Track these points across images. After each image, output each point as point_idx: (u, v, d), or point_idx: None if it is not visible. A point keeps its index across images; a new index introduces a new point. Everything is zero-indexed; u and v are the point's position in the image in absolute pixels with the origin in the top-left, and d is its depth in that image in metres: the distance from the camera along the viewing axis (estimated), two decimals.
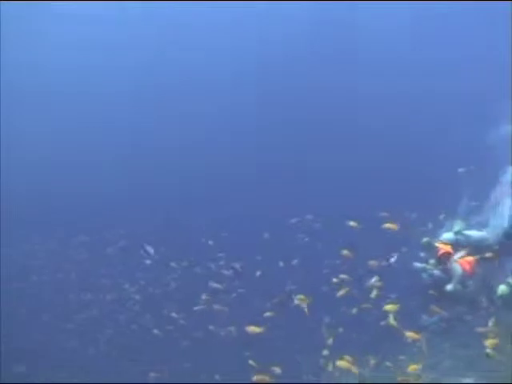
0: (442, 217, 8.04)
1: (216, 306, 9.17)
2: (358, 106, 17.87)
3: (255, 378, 5.79)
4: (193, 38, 19.54)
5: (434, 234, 7.66)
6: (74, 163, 17.98)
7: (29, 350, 9.87)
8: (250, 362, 6.36)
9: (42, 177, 16.59)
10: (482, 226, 7.66)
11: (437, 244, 7.43)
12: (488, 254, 7.14)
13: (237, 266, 9.87)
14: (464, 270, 7.14)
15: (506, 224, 7.43)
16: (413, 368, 5.85)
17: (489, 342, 5.78)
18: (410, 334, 6.12)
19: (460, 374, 6.98)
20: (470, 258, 7.19)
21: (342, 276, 7.40)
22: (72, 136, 18.41)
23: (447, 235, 7.55)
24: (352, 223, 7.78)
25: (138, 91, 19.26)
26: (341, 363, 5.85)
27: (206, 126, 18.44)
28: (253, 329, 5.61)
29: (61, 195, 16.42)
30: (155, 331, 9.87)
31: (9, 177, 15.78)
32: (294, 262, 10.83)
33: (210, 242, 11.15)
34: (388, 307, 6.29)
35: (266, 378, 5.75)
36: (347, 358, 6.10)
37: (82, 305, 11.26)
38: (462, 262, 7.17)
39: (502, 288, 6.97)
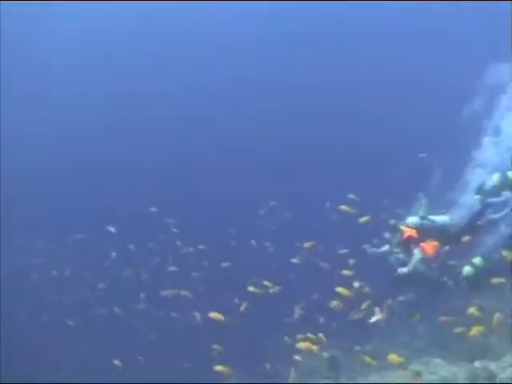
0: (410, 201, 8.06)
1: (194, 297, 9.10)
2: (334, 94, 17.88)
3: (217, 369, 5.79)
4: (194, 37, 19.21)
5: (401, 218, 7.66)
6: (69, 162, 17.58)
7: (22, 349, 9.72)
8: (216, 348, 6.36)
9: (38, 175, 16.25)
10: (452, 204, 7.69)
11: (401, 227, 7.41)
12: (454, 237, 7.18)
13: None
14: (426, 254, 7.17)
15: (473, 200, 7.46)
16: (393, 357, 5.87)
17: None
18: (378, 317, 6.15)
19: (431, 353, 7.09)
20: (434, 243, 7.21)
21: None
22: (70, 136, 18.01)
23: (412, 219, 7.54)
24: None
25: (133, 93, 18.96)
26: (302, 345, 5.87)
27: (188, 120, 18.31)
28: (216, 315, 5.57)
29: (55, 194, 16.14)
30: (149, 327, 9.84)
31: (6, 175, 15.42)
32: (268, 250, 10.80)
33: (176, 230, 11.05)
34: (340, 289, 6.33)
35: (227, 370, 5.76)
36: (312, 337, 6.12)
37: (77, 303, 11.08)
38: (425, 246, 7.19)
39: (467, 269, 7.01)
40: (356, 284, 7.28)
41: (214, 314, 5.61)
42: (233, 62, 18.70)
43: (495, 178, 7.36)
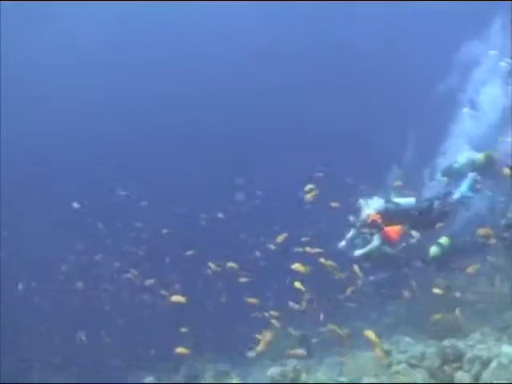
0: (377, 184, 7.98)
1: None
2: (301, 75, 17.83)
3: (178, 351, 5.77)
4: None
5: (366, 197, 7.60)
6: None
7: None
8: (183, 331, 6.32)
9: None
10: (423, 183, 7.70)
11: (366, 211, 7.39)
12: (419, 220, 7.17)
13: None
14: (389, 238, 7.18)
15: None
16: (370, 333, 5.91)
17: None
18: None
19: (400, 331, 7.17)
20: (398, 227, 7.20)
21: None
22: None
23: (377, 202, 7.49)
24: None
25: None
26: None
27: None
28: (177, 298, 5.42)
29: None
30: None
31: None
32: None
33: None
34: (296, 266, 6.33)
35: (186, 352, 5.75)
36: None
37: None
38: (388, 230, 7.19)
39: (434, 249, 7.10)
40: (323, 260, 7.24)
41: (175, 298, 5.45)
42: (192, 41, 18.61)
43: (462, 159, 7.46)
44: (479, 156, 7.41)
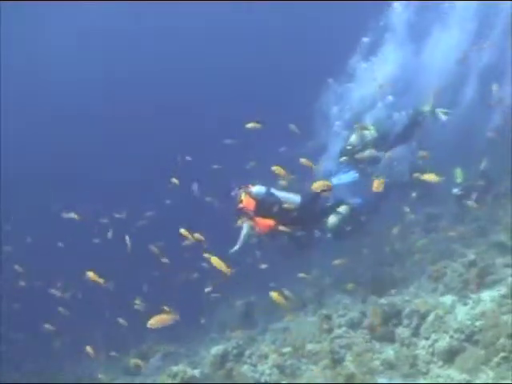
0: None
1: None
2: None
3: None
4: None
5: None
6: None
7: None
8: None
9: None
10: None
11: (242, 196, 7.04)
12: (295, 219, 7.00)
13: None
14: (259, 229, 6.96)
15: None
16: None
17: None
18: None
19: (340, 288, 7.15)
20: (270, 222, 6.89)
21: None
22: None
23: (258, 189, 7.12)
24: None
25: None
26: None
27: None
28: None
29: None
30: None
31: None
32: None
33: None
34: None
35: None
36: None
37: None
38: (260, 221, 6.90)
39: (331, 219, 7.05)
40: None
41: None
42: None
43: (353, 138, 7.36)
44: (369, 132, 7.35)
